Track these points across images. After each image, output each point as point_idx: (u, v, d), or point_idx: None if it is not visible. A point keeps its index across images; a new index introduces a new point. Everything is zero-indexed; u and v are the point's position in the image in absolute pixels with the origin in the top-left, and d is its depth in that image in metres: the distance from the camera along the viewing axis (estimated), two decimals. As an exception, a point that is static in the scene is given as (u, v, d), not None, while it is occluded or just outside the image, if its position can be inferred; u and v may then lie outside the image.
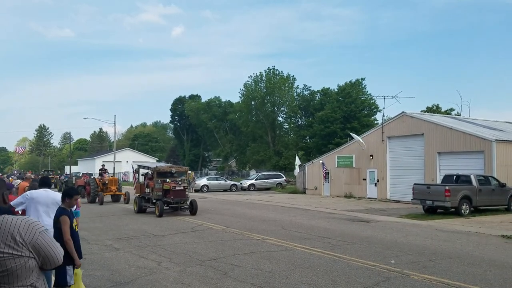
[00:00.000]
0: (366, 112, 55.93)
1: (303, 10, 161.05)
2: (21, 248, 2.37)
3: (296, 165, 38.84)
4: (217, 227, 15.12)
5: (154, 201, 19.71)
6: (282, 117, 63.84)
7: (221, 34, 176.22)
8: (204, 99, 79.36)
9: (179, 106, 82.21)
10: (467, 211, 18.65)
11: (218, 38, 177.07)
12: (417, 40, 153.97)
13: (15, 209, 6.19)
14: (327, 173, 32.91)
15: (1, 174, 60.36)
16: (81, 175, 42.16)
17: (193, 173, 43.84)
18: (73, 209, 6.00)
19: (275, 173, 46.20)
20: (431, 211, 19.50)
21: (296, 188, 37.70)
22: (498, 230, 14.44)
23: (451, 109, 50.48)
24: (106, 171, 28.75)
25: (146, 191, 21.12)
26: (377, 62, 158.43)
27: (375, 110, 56.16)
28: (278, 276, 8.18)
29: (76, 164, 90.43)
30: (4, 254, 2.34)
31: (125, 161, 76.36)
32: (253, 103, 60.66)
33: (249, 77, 62.78)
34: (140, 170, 24.06)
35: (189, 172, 24.07)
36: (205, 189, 39.95)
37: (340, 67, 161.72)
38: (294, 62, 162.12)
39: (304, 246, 11.37)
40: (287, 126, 64.58)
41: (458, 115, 44.17)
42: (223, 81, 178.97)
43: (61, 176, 52.68)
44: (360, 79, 56.88)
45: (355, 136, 30.85)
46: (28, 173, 39.22)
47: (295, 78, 61.28)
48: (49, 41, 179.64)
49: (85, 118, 63.37)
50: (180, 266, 9.08)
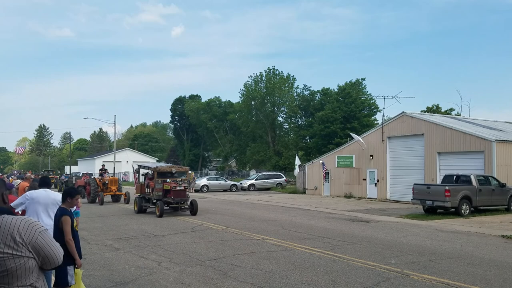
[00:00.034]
0: (366, 112, 55.92)
1: (303, 10, 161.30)
2: (21, 248, 2.37)
3: (296, 165, 38.83)
4: (217, 227, 15.13)
5: (155, 201, 19.67)
6: (282, 117, 63.91)
7: (221, 34, 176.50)
8: (204, 99, 79.51)
9: (179, 106, 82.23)
10: (467, 211, 18.65)
11: (218, 38, 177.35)
12: (417, 40, 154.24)
13: (15, 210, 6.19)
14: (327, 173, 32.91)
15: (1, 174, 60.34)
16: (81, 175, 42.15)
17: (193, 173, 43.84)
18: (73, 209, 6.00)
19: (275, 173, 46.22)
20: (431, 211, 19.51)
21: (296, 188, 37.71)
22: (498, 230, 14.45)
23: (451, 109, 50.48)
24: (106, 171, 28.74)
25: (147, 191, 21.08)
26: (377, 62, 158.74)
27: (375, 110, 56.16)
28: (278, 276, 8.18)
29: (76, 164, 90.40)
30: (4, 254, 2.34)
31: (125, 161, 76.38)
32: (253, 103, 60.65)
33: (249, 77, 62.92)
34: (141, 170, 24.04)
35: (189, 172, 24.03)
36: (205, 189, 39.98)
37: (340, 67, 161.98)
38: (294, 62, 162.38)
39: (304, 246, 11.38)
40: (287, 126, 64.59)
41: (458, 115, 44.17)
42: (223, 81, 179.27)
43: (62, 176, 52.68)
44: (360, 79, 56.94)
45: (355, 136, 30.84)
46: (28, 173, 39.20)
47: (295, 78, 61.37)
48: (49, 41, 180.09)
49: (85, 118, 63.27)
50: (180, 266, 9.08)
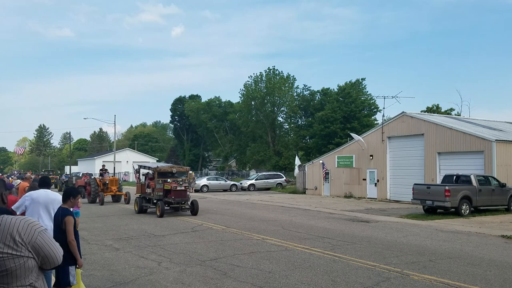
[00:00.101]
0: (366, 112, 55.92)
1: (303, 10, 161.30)
2: (21, 248, 2.37)
3: (296, 165, 38.83)
4: (217, 227, 15.13)
5: (155, 202, 19.62)
6: (282, 117, 63.92)
7: (221, 34, 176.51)
8: (204, 99, 79.57)
9: (179, 106, 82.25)
10: (467, 211, 18.65)
11: (218, 38, 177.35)
12: (417, 40, 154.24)
13: (17, 213, 6.18)
14: (327, 173, 32.91)
15: (1, 174, 60.33)
16: (81, 175, 42.13)
17: (193, 173, 43.84)
18: (73, 209, 6.01)
19: (275, 173, 46.22)
20: (431, 211, 19.50)
21: (296, 188, 37.71)
22: (498, 230, 14.45)
23: (451, 109, 50.48)
24: (107, 171, 28.72)
25: (147, 191, 21.03)
26: (377, 62, 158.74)
27: (375, 110, 56.17)
28: (278, 276, 8.18)
29: (76, 164, 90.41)
30: (4, 254, 2.34)
31: (125, 161, 76.41)
32: (253, 103, 60.66)
33: (249, 77, 62.93)
34: (141, 170, 24.00)
35: (190, 172, 24.02)
36: (205, 189, 39.99)
37: (340, 67, 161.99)
38: (294, 62, 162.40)
39: (304, 246, 11.37)
40: (287, 126, 64.60)
41: (458, 115, 44.17)
42: (223, 81, 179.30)
43: (62, 176, 52.69)
44: (360, 79, 56.96)
45: (355, 136, 30.83)
46: (28, 173, 39.19)
47: (295, 78, 61.39)
48: (49, 41, 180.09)
49: (85, 118, 63.33)
50: (180, 266, 9.08)
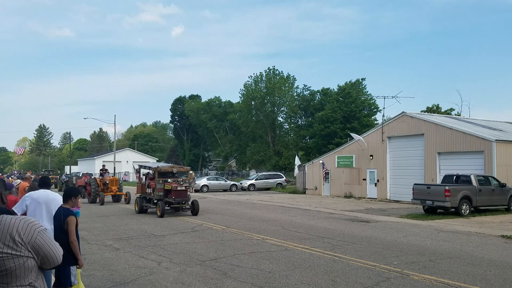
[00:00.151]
0: (366, 112, 55.92)
1: (303, 10, 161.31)
2: (20, 248, 2.37)
3: (296, 165, 38.82)
4: (217, 227, 15.12)
5: (155, 202, 19.59)
6: (282, 117, 63.94)
7: (221, 34, 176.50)
8: (204, 99, 79.57)
9: (179, 106, 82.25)
10: (467, 211, 18.65)
11: (218, 38, 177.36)
12: (417, 40, 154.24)
13: (18, 213, 6.18)
14: (327, 173, 32.91)
15: (1, 174, 60.33)
16: (82, 175, 42.14)
17: (193, 173, 43.83)
18: (73, 209, 6.01)
19: (275, 173, 46.21)
20: (431, 211, 19.50)
21: (296, 188, 37.71)
22: (498, 230, 14.44)
23: (451, 109, 50.49)
24: (107, 171, 28.71)
25: (147, 191, 21.00)
26: (377, 62, 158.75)
27: (375, 110, 56.16)
28: (278, 276, 8.18)
29: (76, 164, 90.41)
30: (3, 254, 2.34)
31: (125, 161, 76.41)
32: (253, 103, 60.67)
33: (249, 77, 62.95)
34: (141, 170, 23.98)
35: (190, 172, 24.01)
36: (205, 189, 39.99)
37: (340, 67, 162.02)
38: (294, 62, 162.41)
39: (304, 246, 11.37)
40: (287, 126, 64.61)
41: (458, 115, 44.16)
42: (223, 81, 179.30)
43: (62, 176, 52.71)
44: (361, 79, 56.96)
45: (356, 136, 30.82)
46: (28, 173, 39.19)
47: (295, 78, 61.41)
48: (49, 41, 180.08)
49: (85, 118, 63.32)
50: (180, 266, 9.08)
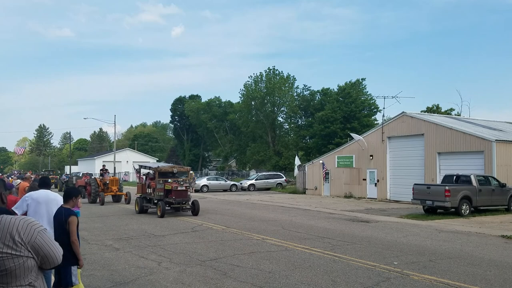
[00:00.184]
0: (366, 112, 55.91)
1: (303, 10, 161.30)
2: (20, 248, 2.37)
3: (296, 165, 38.80)
4: (217, 227, 15.12)
5: (156, 202, 19.57)
6: (282, 117, 63.94)
7: (221, 34, 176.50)
8: (204, 99, 79.58)
9: (179, 106, 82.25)
10: (467, 211, 18.64)
11: (218, 38, 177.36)
12: (417, 40, 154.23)
13: (18, 214, 6.18)
14: (327, 173, 32.90)
15: (1, 174, 60.34)
16: (82, 175, 42.12)
17: (193, 173, 43.82)
18: (73, 209, 6.01)
19: (275, 173, 46.21)
20: (431, 211, 19.50)
21: (296, 188, 37.70)
22: (498, 230, 14.44)
23: (451, 109, 50.48)
24: (107, 172, 28.70)
25: (148, 191, 20.97)
26: (377, 62, 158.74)
27: (375, 110, 56.15)
28: (278, 276, 8.18)
29: (76, 164, 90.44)
30: (3, 254, 2.34)
31: (125, 161, 76.42)
32: (253, 103, 60.67)
33: (249, 77, 62.96)
34: (142, 170, 23.96)
35: (190, 172, 24.00)
36: (205, 189, 39.99)
37: (340, 67, 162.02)
38: (294, 62, 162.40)
39: (304, 246, 11.37)
40: (287, 126, 64.61)
41: (458, 115, 44.15)
42: (223, 81, 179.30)
43: (62, 176, 52.73)
44: (361, 79, 56.94)
45: (356, 136, 30.81)
46: (28, 173, 39.18)
47: (295, 78, 61.41)
48: (49, 41, 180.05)
49: (85, 118, 63.37)
50: (180, 266, 9.08)
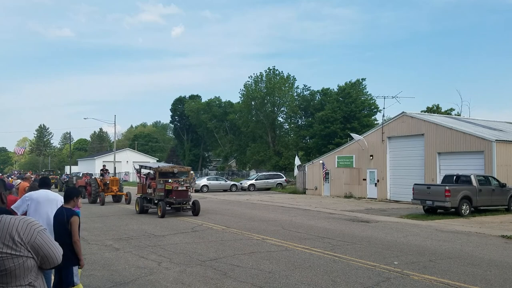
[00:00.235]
0: (366, 112, 55.89)
1: (303, 10, 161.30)
2: (20, 248, 2.37)
3: (296, 166, 38.79)
4: (217, 227, 15.12)
5: (156, 202, 19.55)
6: (282, 117, 63.94)
7: (221, 34, 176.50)
8: (204, 99, 79.57)
9: (179, 106, 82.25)
10: (467, 211, 18.65)
11: (218, 38, 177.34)
12: (417, 40, 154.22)
13: (18, 213, 6.18)
14: (327, 173, 32.90)
15: (1, 174, 60.34)
16: (82, 175, 42.11)
17: (193, 173, 43.82)
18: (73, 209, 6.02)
19: (275, 173, 46.21)
20: (431, 211, 19.50)
21: (296, 188, 37.70)
22: (498, 230, 14.44)
23: (451, 109, 50.48)
24: (107, 172, 28.69)
25: (148, 192, 20.94)
26: (377, 62, 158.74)
27: (375, 110, 56.12)
28: (278, 276, 8.18)
29: (76, 164, 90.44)
30: (3, 254, 2.34)
31: (125, 161, 76.41)
32: (253, 103, 60.67)
33: (249, 77, 62.96)
34: (142, 170, 23.95)
35: (191, 172, 24.01)
36: (205, 189, 39.99)
37: (340, 67, 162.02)
38: (294, 62, 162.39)
39: (304, 246, 11.37)
40: (287, 126, 64.61)
41: (458, 115, 44.16)
42: (223, 81, 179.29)
43: (62, 176, 52.73)
44: (361, 79, 56.92)
45: (356, 136, 30.80)
46: (28, 173, 39.18)
47: (295, 78, 61.39)
48: (49, 41, 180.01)
49: (85, 118, 63.41)
50: (180, 266, 9.08)
